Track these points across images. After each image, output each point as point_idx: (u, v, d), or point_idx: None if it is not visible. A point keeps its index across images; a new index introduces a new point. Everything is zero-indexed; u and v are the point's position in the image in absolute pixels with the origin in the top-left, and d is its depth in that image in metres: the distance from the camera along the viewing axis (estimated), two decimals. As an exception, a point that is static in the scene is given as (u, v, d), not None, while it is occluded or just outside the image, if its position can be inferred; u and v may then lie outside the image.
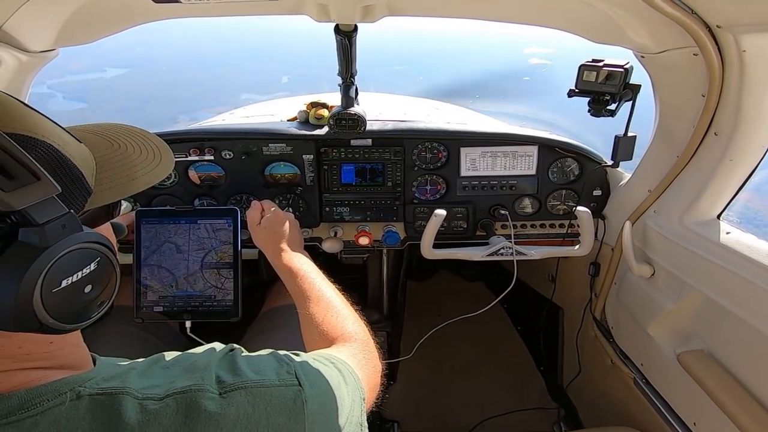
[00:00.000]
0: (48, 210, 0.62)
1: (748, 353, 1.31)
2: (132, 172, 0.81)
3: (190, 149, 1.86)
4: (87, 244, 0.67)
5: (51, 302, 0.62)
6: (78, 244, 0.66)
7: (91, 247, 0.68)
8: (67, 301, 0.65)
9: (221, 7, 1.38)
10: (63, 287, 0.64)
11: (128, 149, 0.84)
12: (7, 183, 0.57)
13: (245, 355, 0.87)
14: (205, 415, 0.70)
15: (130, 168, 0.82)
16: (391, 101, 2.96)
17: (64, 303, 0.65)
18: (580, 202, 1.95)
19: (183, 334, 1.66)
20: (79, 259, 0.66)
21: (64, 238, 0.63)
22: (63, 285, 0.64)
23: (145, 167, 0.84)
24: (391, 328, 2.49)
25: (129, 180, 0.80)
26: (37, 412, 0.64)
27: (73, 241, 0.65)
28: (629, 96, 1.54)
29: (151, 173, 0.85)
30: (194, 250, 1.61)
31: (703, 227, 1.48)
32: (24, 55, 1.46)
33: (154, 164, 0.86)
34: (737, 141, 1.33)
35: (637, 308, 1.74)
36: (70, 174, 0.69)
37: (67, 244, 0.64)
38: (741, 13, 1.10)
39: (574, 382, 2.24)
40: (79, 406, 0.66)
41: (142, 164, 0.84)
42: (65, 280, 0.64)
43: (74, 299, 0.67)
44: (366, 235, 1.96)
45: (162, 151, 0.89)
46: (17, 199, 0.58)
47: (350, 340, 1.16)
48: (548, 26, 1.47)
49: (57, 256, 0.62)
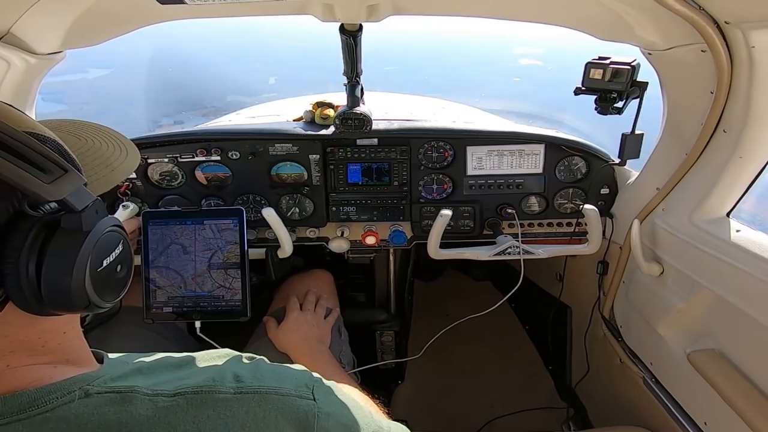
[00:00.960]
0: (83, 198, 0.67)
1: (759, 352, 1.30)
2: (108, 163, 0.85)
3: (197, 150, 1.87)
4: (114, 227, 0.74)
5: (97, 282, 0.69)
6: (111, 227, 0.72)
7: (117, 231, 0.75)
8: (107, 279, 0.72)
9: (226, 7, 1.38)
10: (104, 267, 0.71)
11: (95, 144, 0.86)
12: (45, 176, 0.62)
13: (272, 363, 0.88)
14: (215, 414, 0.71)
15: (105, 160, 0.85)
16: (397, 100, 2.95)
17: (105, 282, 0.71)
18: (587, 201, 1.94)
19: (192, 334, 1.67)
20: (111, 242, 0.73)
21: (98, 221, 0.69)
22: (104, 265, 0.71)
23: (117, 158, 0.87)
24: (398, 327, 2.49)
25: (109, 171, 0.84)
26: (47, 409, 0.65)
27: (105, 224, 0.71)
28: (636, 93, 1.52)
29: (125, 164, 0.88)
30: (200, 250, 1.62)
31: (712, 225, 1.46)
32: (32, 57, 1.47)
33: (123, 156, 0.89)
34: (747, 138, 1.31)
35: (646, 307, 1.73)
36: (75, 165, 0.72)
37: (102, 227, 0.70)
38: (749, 9, 1.08)
39: (582, 381, 2.23)
40: (88, 403, 0.67)
41: (114, 156, 0.87)
42: (105, 260, 0.71)
43: (111, 278, 0.73)
44: (373, 234, 1.96)
45: (125, 143, 0.91)
46: (58, 189, 0.63)
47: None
48: (556, 24, 1.46)
49: (98, 238, 0.69)
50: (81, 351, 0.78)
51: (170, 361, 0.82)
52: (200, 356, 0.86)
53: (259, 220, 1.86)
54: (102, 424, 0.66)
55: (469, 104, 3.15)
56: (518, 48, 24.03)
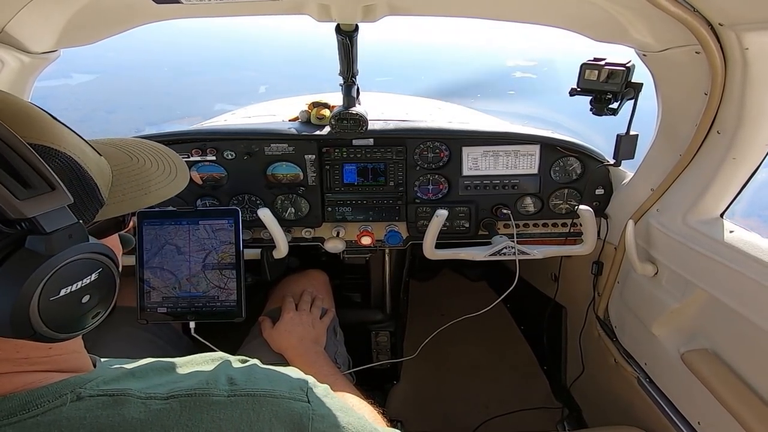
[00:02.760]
0: (57, 219, 0.63)
1: (752, 352, 1.31)
2: (146, 185, 0.83)
3: (192, 149, 1.86)
4: (90, 254, 0.68)
5: (47, 310, 0.63)
6: (81, 254, 0.66)
7: (94, 258, 0.69)
8: (63, 310, 0.66)
9: (222, 7, 1.38)
10: (61, 296, 0.64)
11: (146, 164, 0.85)
12: (22, 191, 0.59)
13: (265, 366, 0.88)
14: (209, 417, 0.71)
15: (145, 181, 0.83)
16: (393, 101, 2.95)
17: (59, 312, 0.65)
18: (582, 201, 1.95)
19: (186, 335, 1.66)
20: (80, 269, 0.67)
21: (68, 247, 0.64)
22: (61, 294, 0.64)
23: (159, 182, 0.85)
24: (394, 327, 2.49)
25: (143, 194, 0.81)
26: (38, 413, 0.64)
27: (76, 251, 0.65)
28: (631, 95, 1.53)
29: (166, 188, 0.86)
30: (195, 251, 1.61)
31: (706, 226, 1.47)
32: (26, 56, 1.46)
33: (169, 179, 0.87)
34: (740, 139, 1.32)
35: (641, 307, 1.74)
36: (84, 185, 0.70)
37: (71, 253, 0.64)
38: (743, 11, 1.09)
39: (577, 381, 2.24)
40: (80, 407, 0.67)
41: (157, 179, 0.85)
42: (64, 289, 0.65)
43: (70, 308, 0.67)
44: (368, 234, 1.96)
45: (178, 167, 0.91)
46: (29, 207, 0.59)
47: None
48: (551, 25, 1.47)
49: (59, 265, 0.63)
50: (75, 361, 0.77)
51: (163, 364, 0.82)
52: (193, 359, 0.85)
53: (254, 221, 1.86)
54: (94, 428, 0.66)
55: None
56: (512, 60, 24.00)
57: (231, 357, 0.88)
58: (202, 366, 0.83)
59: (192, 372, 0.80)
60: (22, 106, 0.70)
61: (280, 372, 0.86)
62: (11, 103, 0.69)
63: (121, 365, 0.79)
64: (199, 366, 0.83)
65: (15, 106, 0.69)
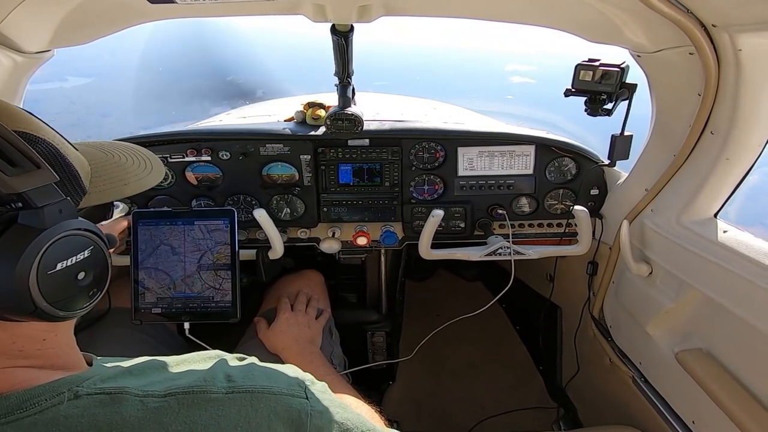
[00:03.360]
0: (47, 195, 0.66)
1: (746, 351, 1.31)
2: (125, 177, 0.87)
3: (187, 150, 1.86)
4: (81, 231, 0.71)
5: (46, 284, 0.65)
6: (73, 229, 0.69)
7: (85, 235, 0.71)
8: (61, 285, 0.68)
9: (217, 7, 1.37)
10: (58, 270, 0.67)
11: (121, 159, 0.89)
12: (10, 169, 0.62)
13: (264, 363, 0.88)
14: (207, 415, 0.71)
15: (123, 174, 0.87)
16: (388, 101, 2.95)
17: (58, 287, 0.67)
18: (577, 202, 1.95)
19: (181, 335, 1.66)
20: (73, 245, 0.69)
21: (60, 222, 0.67)
22: (58, 268, 0.67)
23: (137, 174, 0.89)
24: (390, 328, 2.49)
25: (122, 185, 0.85)
26: (35, 411, 0.65)
27: (68, 225, 0.68)
28: (626, 95, 1.54)
29: (144, 179, 0.90)
30: (190, 251, 1.61)
31: (700, 226, 1.48)
32: (19, 56, 1.45)
33: (146, 172, 0.91)
34: (734, 140, 1.33)
35: (636, 307, 1.74)
36: (67, 170, 0.73)
37: (64, 227, 0.67)
38: (736, 13, 1.10)
39: (573, 381, 2.24)
40: (77, 405, 0.67)
41: (135, 172, 0.89)
42: (60, 263, 0.67)
43: (68, 284, 0.69)
44: (364, 235, 1.96)
45: (153, 162, 0.95)
46: (19, 182, 0.62)
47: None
48: (546, 26, 1.47)
49: (54, 238, 0.66)
50: (67, 357, 0.77)
51: (160, 362, 0.82)
52: (191, 357, 0.86)
53: (249, 221, 1.85)
54: (92, 426, 0.66)
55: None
56: (510, 65, 23.94)
57: (228, 355, 0.88)
58: (199, 364, 0.83)
59: (189, 370, 0.80)
60: (5, 104, 0.73)
61: (278, 369, 0.87)
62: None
63: (118, 363, 0.79)
64: (196, 364, 0.83)
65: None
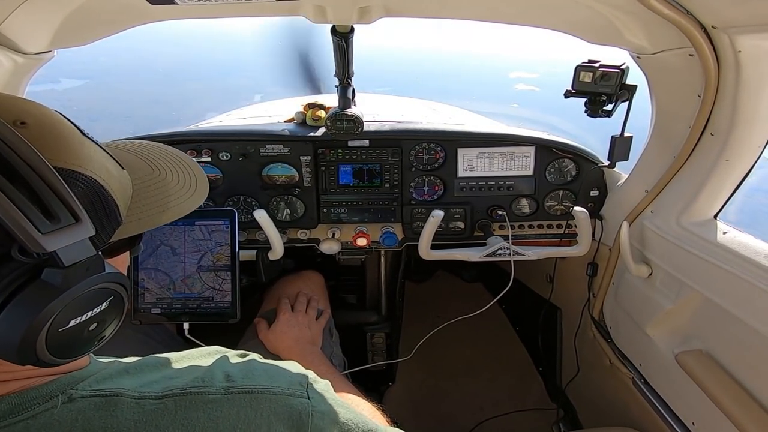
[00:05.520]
0: (77, 252, 0.61)
1: (746, 353, 1.31)
2: (165, 201, 0.81)
3: (187, 151, 1.86)
4: (103, 285, 0.66)
5: (54, 340, 0.62)
6: (95, 285, 0.65)
7: (107, 287, 0.67)
8: (69, 339, 0.64)
9: (217, 8, 1.37)
10: (70, 326, 0.63)
11: (167, 176, 0.83)
12: (45, 224, 0.57)
13: (265, 361, 0.86)
14: (205, 416, 0.70)
15: (164, 197, 0.81)
16: (388, 102, 2.95)
17: (66, 341, 0.64)
18: (577, 203, 1.95)
19: (180, 336, 1.66)
20: (92, 299, 0.65)
21: (84, 279, 0.62)
22: (71, 324, 0.63)
23: (179, 197, 0.83)
24: (389, 329, 2.49)
25: (160, 211, 0.80)
26: (28, 416, 0.64)
27: (91, 282, 0.64)
28: (625, 97, 1.54)
29: (184, 203, 0.84)
30: (190, 252, 1.61)
31: (700, 227, 1.48)
32: (20, 56, 1.45)
33: (189, 194, 0.85)
34: (733, 141, 1.33)
35: (636, 308, 1.74)
36: (106, 208, 0.68)
37: (86, 286, 0.63)
38: (736, 14, 1.10)
39: (572, 382, 2.24)
40: (71, 408, 0.66)
41: (177, 193, 0.83)
42: (74, 320, 0.63)
43: (76, 337, 0.66)
44: (364, 236, 1.96)
45: (198, 180, 0.89)
46: (51, 242, 0.57)
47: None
48: (545, 27, 1.47)
49: (75, 297, 0.62)
50: (67, 366, 0.75)
51: (158, 359, 0.81)
52: (190, 354, 0.84)
53: (249, 222, 1.85)
54: (86, 430, 0.65)
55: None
56: (514, 72, 23.86)
57: (229, 351, 0.87)
58: (198, 361, 0.81)
59: (188, 367, 0.79)
60: (52, 120, 0.68)
61: (279, 367, 0.85)
62: (41, 117, 0.67)
63: (114, 363, 0.78)
64: (195, 361, 0.81)
65: (44, 122, 0.66)
